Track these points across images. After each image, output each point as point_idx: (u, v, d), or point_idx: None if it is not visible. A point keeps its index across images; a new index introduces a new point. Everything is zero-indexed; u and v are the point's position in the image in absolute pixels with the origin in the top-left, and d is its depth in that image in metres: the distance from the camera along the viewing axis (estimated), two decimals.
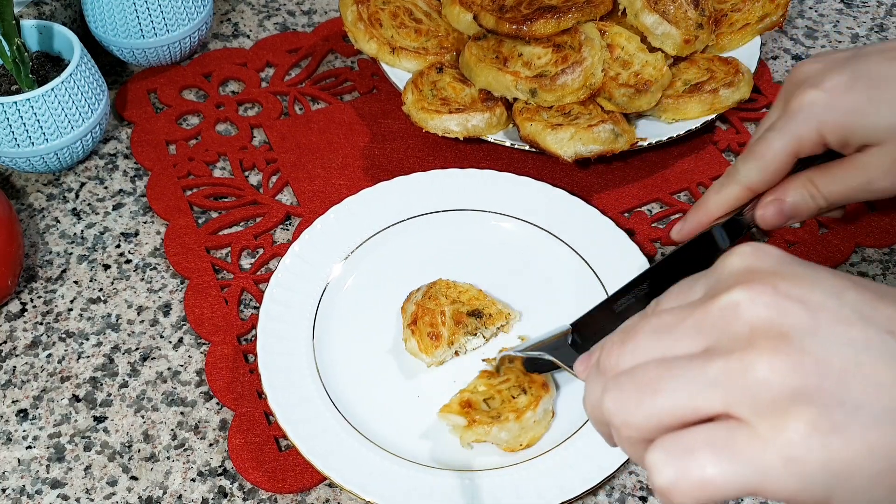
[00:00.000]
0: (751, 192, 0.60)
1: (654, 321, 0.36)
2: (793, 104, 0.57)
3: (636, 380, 0.35)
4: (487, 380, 0.60)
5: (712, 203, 0.61)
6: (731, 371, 0.33)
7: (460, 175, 0.73)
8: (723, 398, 0.33)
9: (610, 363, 0.37)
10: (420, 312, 0.63)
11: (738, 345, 0.33)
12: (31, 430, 0.62)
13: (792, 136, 0.56)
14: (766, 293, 0.34)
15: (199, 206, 0.75)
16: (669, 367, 0.34)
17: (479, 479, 0.58)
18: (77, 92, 0.72)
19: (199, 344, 0.67)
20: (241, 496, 0.59)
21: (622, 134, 0.72)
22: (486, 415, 0.58)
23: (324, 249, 0.69)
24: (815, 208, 0.58)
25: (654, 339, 0.36)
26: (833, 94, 0.55)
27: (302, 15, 0.91)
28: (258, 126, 0.81)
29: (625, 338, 0.37)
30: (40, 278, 0.70)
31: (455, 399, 0.60)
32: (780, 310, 0.33)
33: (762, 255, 0.36)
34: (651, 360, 0.35)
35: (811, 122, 0.56)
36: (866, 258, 0.72)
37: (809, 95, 0.56)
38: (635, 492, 0.59)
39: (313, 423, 0.60)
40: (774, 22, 0.82)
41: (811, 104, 0.56)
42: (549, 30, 0.74)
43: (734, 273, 0.36)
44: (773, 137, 0.57)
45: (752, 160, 0.59)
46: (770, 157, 0.58)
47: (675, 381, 0.34)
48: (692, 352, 0.34)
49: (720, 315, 0.34)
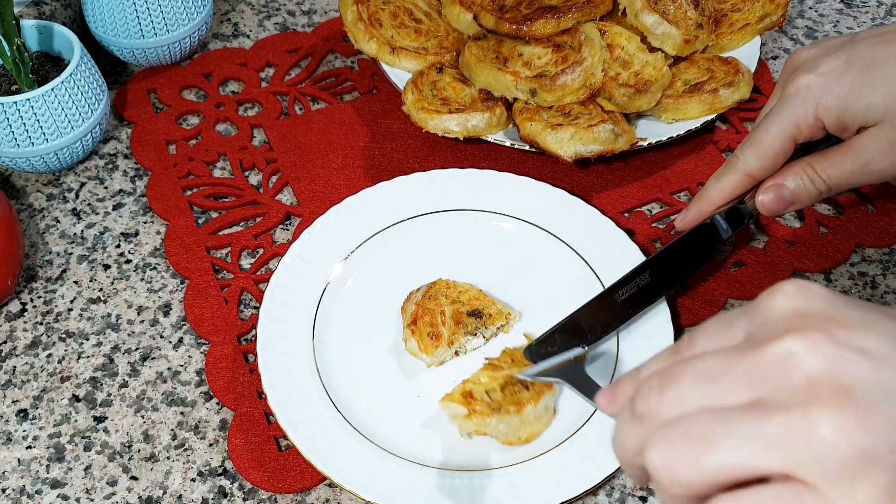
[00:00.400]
0: (751, 178, 0.60)
1: (698, 366, 0.34)
2: (789, 89, 0.57)
3: (687, 434, 0.32)
4: (491, 372, 0.60)
5: (713, 191, 0.61)
6: (792, 428, 0.30)
7: (460, 175, 0.73)
8: (784, 457, 0.30)
9: (649, 409, 0.34)
10: (420, 312, 0.63)
11: (797, 399, 0.31)
12: (31, 430, 0.62)
13: (789, 121, 0.57)
14: (824, 343, 0.31)
15: (199, 206, 0.75)
16: (723, 420, 0.32)
17: (479, 478, 0.58)
18: (77, 92, 0.72)
19: (199, 344, 0.67)
20: (241, 496, 0.59)
21: (622, 134, 0.72)
22: (488, 406, 0.58)
23: (324, 249, 0.69)
24: (816, 193, 0.58)
25: (698, 387, 0.33)
26: (828, 77, 0.56)
27: (302, 15, 0.91)
28: (258, 126, 0.81)
29: (664, 383, 0.34)
30: (40, 278, 0.70)
31: (458, 388, 0.59)
32: (841, 362, 0.31)
33: (811, 296, 0.34)
34: (699, 411, 0.33)
35: (808, 106, 0.56)
36: (866, 258, 0.72)
37: (805, 79, 0.57)
38: (635, 492, 0.59)
39: (313, 423, 0.60)
40: (774, 22, 0.82)
41: (807, 88, 0.56)
42: (549, 30, 0.74)
43: (783, 317, 0.33)
44: (770, 123, 0.58)
45: (750, 147, 0.59)
46: (768, 142, 0.58)
47: (730, 437, 0.31)
48: (741, 403, 0.32)
49: (774, 365, 0.32)
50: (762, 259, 0.71)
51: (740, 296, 0.68)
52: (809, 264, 0.71)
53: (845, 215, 0.74)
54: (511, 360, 0.61)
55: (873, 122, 0.56)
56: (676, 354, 0.36)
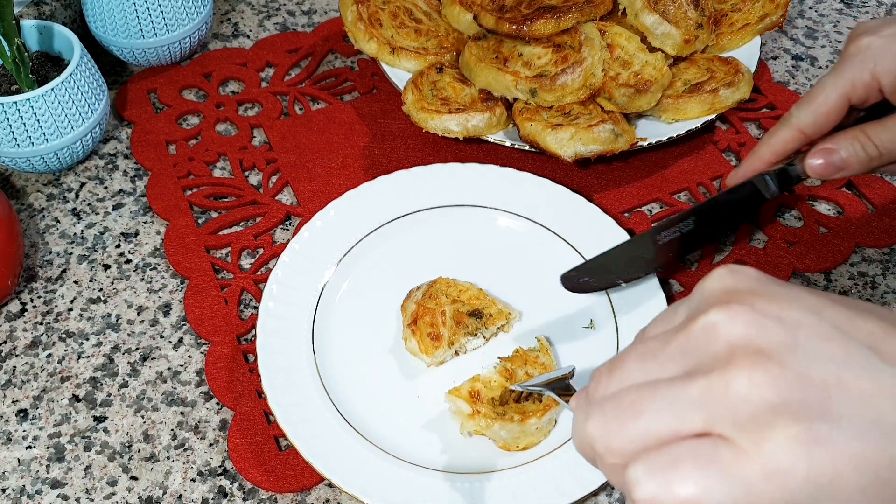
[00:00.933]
0: (803, 135, 0.60)
1: (640, 348, 0.36)
2: (849, 49, 0.58)
3: (617, 404, 0.35)
4: (503, 378, 0.60)
5: (765, 147, 0.62)
6: (711, 389, 0.32)
7: (461, 170, 0.73)
8: (704, 417, 0.32)
9: (598, 392, 0.36)
10: (420, 312, 0.63)
11: (718, 364, 0.33)
12: (31, 430, 0.62)
13: (846, 79, 0.57)
14: (743, 312, 0.33)
15: (199, 206, 0.75)
16: (651, 389, 0.34)
17: (479, 481, 0.58)
18: (77, 92, 0.72)
19: (199, 344, 0.67)
20: (240, 496, 0.59)
21: (622, 134, 0.72)
22: (493, 410, 0.58)
23: (323, 246, 0.69)
24: (867, 159, 0.58)
25: (638, 364, 0.36)
26: (890, 39, 0.56)
27: (302, 15, 0.91)
28: (258, 126, 0.81)
29: (612, 367, 0.37)
30: (40, 278, 0.70)
31: (466, 385, 0.59)
32: (758, 327, 0.33)
33: (739, 276, 0.36)
34: (633, 385, 0.35)
35: (866, 65, 0.57)
36: (866, 258, 0.72)
37: (865, 40, 0.57)
38: None
39: (313, 423, 0.60)
40: (774, 22, 0.82)
41: (867, 47, 0.57)
42: (549, 30, 0.74)
43: (712, 295, 0.36)
44: (827, 81, 0.58)
45: (805, 103, 0.59)
46: (822, 99, 0.58)
47: (655, 402, 0.33)
48: (675, 375, 0.34)
49: (700, 336, 0.34)
50: (762, 259, 0.71)
51: None
52: (809, 264, 0.71)
53: (845, 215, 0.74)
54: (524, 363, 0.61)
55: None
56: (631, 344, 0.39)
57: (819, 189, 0.75)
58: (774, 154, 0.62)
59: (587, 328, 0.66)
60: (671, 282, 0.70)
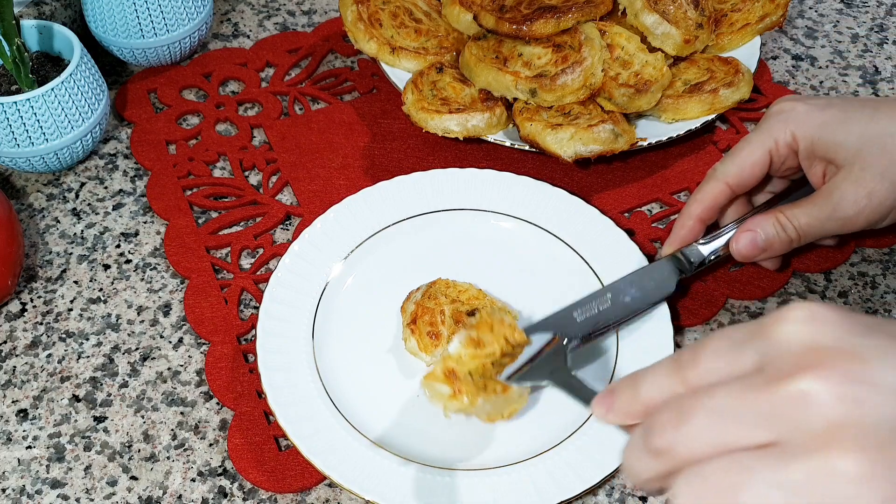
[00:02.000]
0: (729, 188, 0.64)
1: (710, 402, 0.34)
2: (774, 108, 0.63)
3: (713, 482, 0.33)
4: (473, 349, 0.57)
5: (694, 204, 0.65)
6: (813, 474, 0.31)
7: (460, 174, 0.73)
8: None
9: (665, 444, 0.35)
10: (420, 312, 0.63)
11: (816, 443, 0.31)
12: (30, 430, 0.62)
13: (769, 135, 0.62)
14: (839, 382, 0.32)
15: (199, 206, 0.75)
16: (746, 468, 0.32)
17: (479, 478, 0.58)
18: (77, 92, 0.72)
19: (199, 344, 0.67)
20: (241, 496, 0.59)
21: (622, 134, 0.72)
22: (473, 386, 0.56)
23: (324, 249, 0.69)
24: (787, 240, 0.62)
25: (713, 423, 0.34)
26: (811, 106, 0.61)
27: (302, 15, 0.91)
28: (258, 126, 0.81)
29: (678, 420, 0.35)
30: (40, 278, 0.70)
31: (439, 367, 0.56)
32: (857, 401, 0.31)
33: (822, 325, 0.34)
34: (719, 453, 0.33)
35: (787, 125, 0.61)
36: (866, 258, 0.72)
37: (790, 103, 0.62)
38: (635, 492, 0.59)
39: (313, 422, 0.60)
40: (774, 22, 0.82)
41: (790, 109, 0.62)
42: (549, 30, 0.74)
43: (796, 350, 0.34)
44: (751, 137, 0.63)
45: (730, 158, 0.64)
46: (746, 153, 0.63)
47: (755, 485, 0.32)
48: (760, 442, 0.33)
49: (790, 405, 0.32)
50: None
51: (740, 296, 0.68)
52: (810, 264, 0.71)
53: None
54: (490, 329, 0.58)
55: (842, 162, 0.59)
56: (679, 372, 0.37)
57: None
58: (704, 208, 0.64)
59: None
60: None
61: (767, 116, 0.63)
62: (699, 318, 0.67)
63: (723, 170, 0.64)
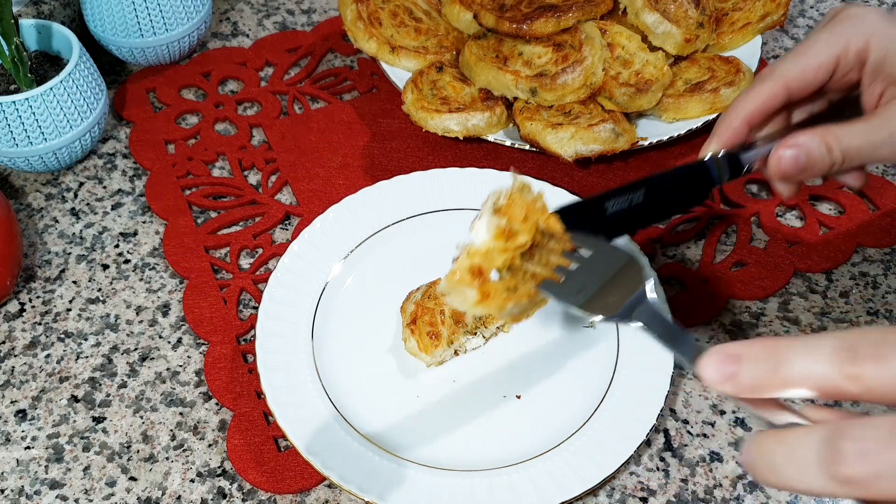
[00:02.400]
0: (787, 91, 0.56)
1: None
2: (847, 12, 0.55)
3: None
4: (504, 242, 0.48)
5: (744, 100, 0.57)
6: None
7: (460, 174, 0.73)
8: None
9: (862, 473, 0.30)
10: (419, 312, 0.63)
11: None
12: (29, 431, 0.62)
13: (840, 38, 0.54)
14: None
15: (198, 206, 0.74)
16: None
17: (479, 478, 0.58)
18: (76, 91, 0.72)
19: (198, 344, 0.66)
20: (240, 497, 0.59)
21: (623, 133, 0.72)
22: (502, 289, 0.48)
23: (323, 249, 0.69)
24: (829, 164, 0.54)
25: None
26: (884, 18, 0.54)
27: (301, 14, 0.91)
28: (257, 125, 0.81)
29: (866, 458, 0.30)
30: (39, 278, 0.70)
31: (463, 264, 0.48)
32: None
33: None
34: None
35: (862, 30, 0.54)
36: (868, 258, 0.72)
37: (860, 9, 0.54)
38: (636, 492, 0.59)
39: (312, 422, 0.59)
40: (775, 21, 0.81)
41: (866, 15, 0.54)
42: (550, 29, 0.74)
43: None
44: (820, 37, 0.55)
45: (793, 56, 0.56)
46: (813, 53, 0.55)
47: None
48: None
49: None
50: (763, 259, 0.71)
51: (742, 296, 0.68)
52: (811, 264, 0.70)
53: (847, 215, 0.74)
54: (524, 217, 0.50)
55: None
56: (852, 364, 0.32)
57: (820, 189, 0.75)
58: (754, 109, 0.56)
59: (587, 328, 0.66)
60: (671, 281, 0.70)
61: (836, 20, 0.55)
62: (700, 318, 0.67)
63: (784, 68, 0.55)
